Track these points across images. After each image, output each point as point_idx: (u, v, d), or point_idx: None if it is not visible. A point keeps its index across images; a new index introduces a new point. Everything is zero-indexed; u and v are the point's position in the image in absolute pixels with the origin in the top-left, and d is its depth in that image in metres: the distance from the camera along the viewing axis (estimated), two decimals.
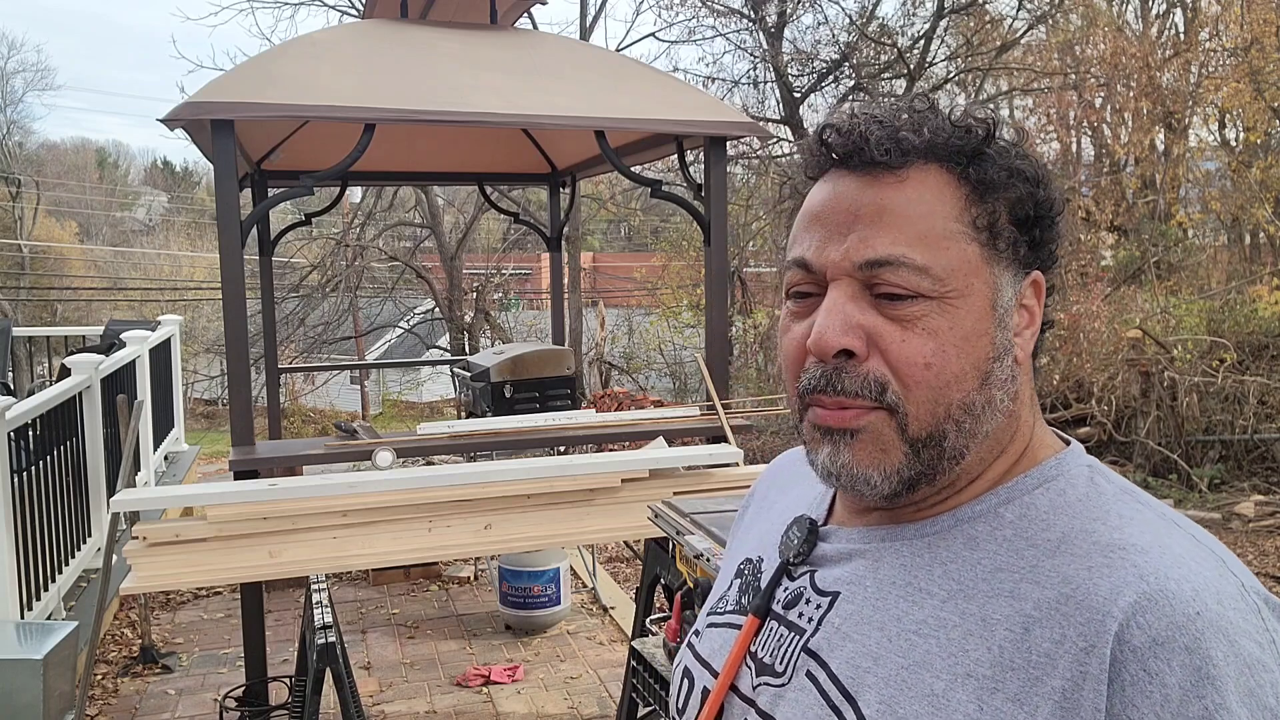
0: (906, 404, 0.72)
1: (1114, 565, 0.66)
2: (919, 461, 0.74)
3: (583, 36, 12.39)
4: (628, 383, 14.86)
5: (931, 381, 0.72)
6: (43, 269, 25.71)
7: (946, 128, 0.75)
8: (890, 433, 0.73)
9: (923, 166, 0.74)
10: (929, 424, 0.73)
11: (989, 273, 0.74)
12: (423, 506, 3.42)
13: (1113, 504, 0.73)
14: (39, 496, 4.40)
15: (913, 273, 0.72)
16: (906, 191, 0.74)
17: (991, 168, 0.75)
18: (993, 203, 0.75)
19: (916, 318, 0.72)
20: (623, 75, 4.82)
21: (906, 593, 0.74)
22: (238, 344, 3.80)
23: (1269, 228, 12.46)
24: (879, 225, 0.73)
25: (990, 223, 0.74)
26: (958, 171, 0.74)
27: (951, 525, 0.76)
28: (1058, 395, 9.97)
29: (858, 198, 0.74)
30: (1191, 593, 0.64)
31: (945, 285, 0.72)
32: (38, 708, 3.08)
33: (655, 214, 20.00)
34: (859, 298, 0.73)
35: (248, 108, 3.73)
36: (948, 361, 0.72)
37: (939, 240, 0.73)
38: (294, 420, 16.03)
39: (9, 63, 31.24)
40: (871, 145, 0.74)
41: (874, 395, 0.72)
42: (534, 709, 4.31)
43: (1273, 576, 6.78)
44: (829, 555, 0.81)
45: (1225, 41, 13.26)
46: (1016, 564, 0.71)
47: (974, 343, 0.73)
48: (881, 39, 12.12)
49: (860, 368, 0.73)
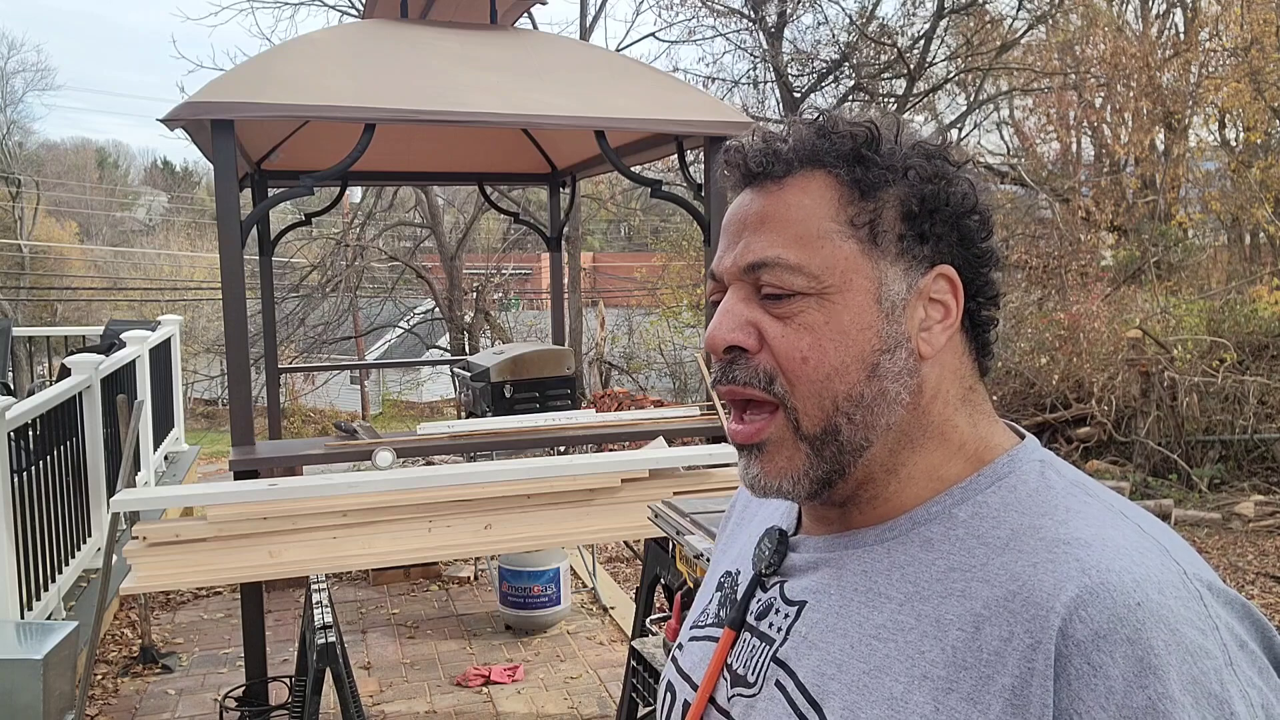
0: (794, 399, 0.76)
1: (1057, 560, 0.67)
2: (822, 460, 0.76)
3: (583, 36, 12.39)
4: (628, 383, 14.86)
5: (810, 375, 0.75)
6: (43, 269, 25.70)
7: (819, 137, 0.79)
8: (789, 436, 0.77)
9: (806, 174, 0.78)
10: (819, 418, 0.76)
11: (870, 268, 0.76)
12: (423, 506, 3.42)
13: (1061, 498, 0.74)
14: (39, 496, 4.40)
15: (787, 272, 0.76)
16: (785, 197, 0.78)
17: (873, 169, 0.77)
18: (874, 201, 0.77)
19: (794, 314, 0.76)
20: (623, 75, 4.82)
21: (867, 598, 0.75)
22: (238, 344, 3.80)
23: (1269, 228, 12.46)
24: (759, 231, 0.78)
25: (870, 220, 0.77)
26: (837, 175, 0.78)
27: (909, 528, 0.77)
28: (1058, 395, 9.97)
29: (747, 208, 0.80)
30: (1133, 583, 0.64)
31: (821, 282, 0.75)
32: (38, 708, 3.08)
33: (655, 214, 20.00)
34: (750, 299, 0.78)
35: (248, 108, 3.73)
36: (825, 355, 0.75)
37: (814, 240, 0.76)
38: (294, 420, 16.03)
39: (9, 63, 31.29)
40: (749, 157, 0.80)
41: (762, 385, 0.76)
42: (534, 709, 4.31)
43: (1273, 576, 6.78)
44: (798, 565, 0.83)
45: (1225, 41, 13.26)
46: (968, 563, 0.72)
47: (854, 336, 0.75)
48: (881, 39, 12.12)
49: (752, 360, 0.77)
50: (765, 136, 0.81)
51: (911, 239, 0.77)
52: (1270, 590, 6.55)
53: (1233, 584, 6.63)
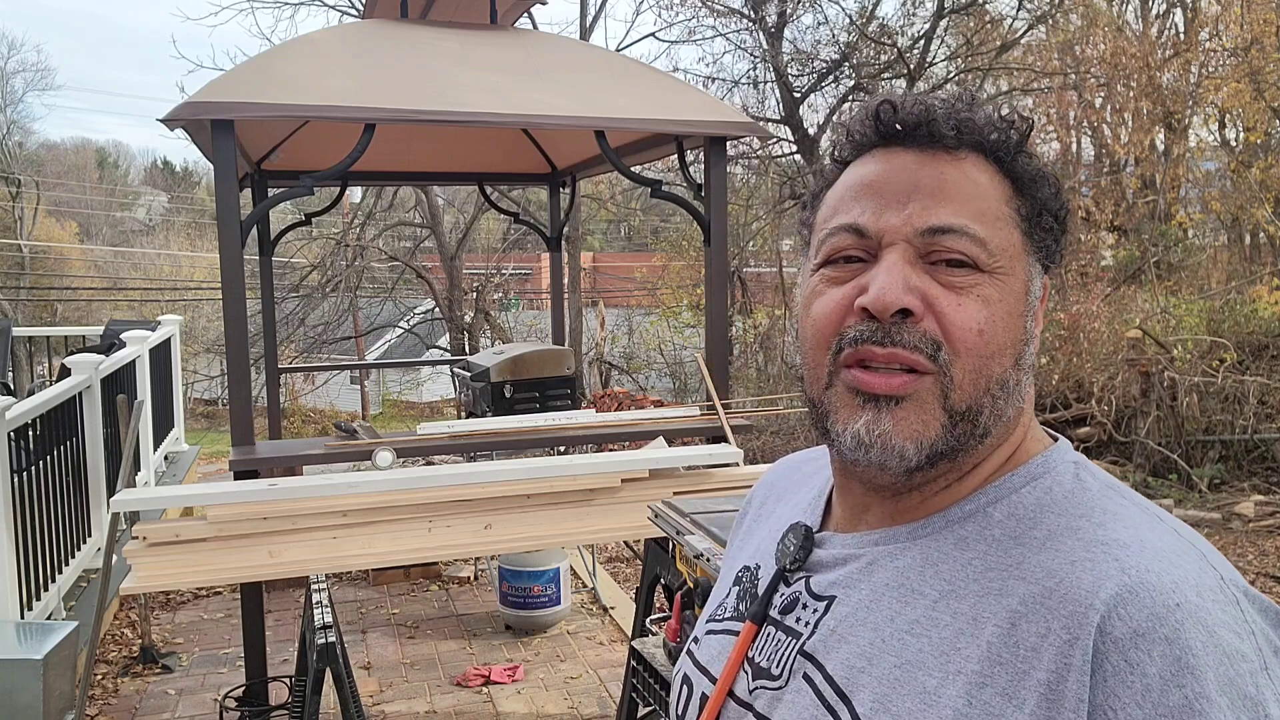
0: (954, 369, 0.74)
1: (1096, 560, 0.68)
2: (953, 436, 0.75)
3: (583, 36, 12.39)
4: (628, 383, 14.86)
5: (981, 349, 0.74)
6: (43, 269, 25.70)
7: (995, 121, 0.79)
8: (933, 402, 0.74)
9: (975, 155, 0.78)
10: (970, 394, 0.74)
11: (1027, 260, 0.78)
12: (423, 506, 3.42)
13: (1098, 500, 0.74)
14: (39, 496, 4.40)
15: (972, 243, 0.74)
16: (964, 170, 0.77)
17: (1029, 166, 0.78)
18: (1030, 198, 0.78)
19: (971, 286, 0.74)
20: (623, 75, 4.81)
21: (899, 594, 0.75)
22: (238, 344, 3.80)
23: (1269, 228, 12.45)
24: (941, 196, 0.76)
25: (1029, 214, 0.78)
26: (1002, 165, 0.78)
27: (942, 526, 0.77)
28: (1058, 395, 9.96)
29: (918, 170, 0.77)
30: (1171, 585, 0.65)
31: (996, 261, 0.75)
32: (38, 708, 3.08)
33: (655, 214, 20.00)
34: (915, 263, 0.75)
35: (248, 108, 3.72)
36: (996, 332, 0.74)
37: (993, 219, 0.76)
38: (294, 420, 16.03)
39: (9, 63, 31.29)
40: (940, 121, 0.77)
41: (929, 352, 0.73)
42: (534, 709, 4.31)
43: (1272, 576, 6.78)
44: (824, 561, 0.83)
45: (1225, 41, 13.26)
46: (1004, 562, 0.72)
47: (1014, 321, 0.76)
48: (881, 39, 12.12)
49: (918, 325, 0.74)
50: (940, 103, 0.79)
51: (1050, 244, 0.79)
52: (1270, 590, 6.55)
53: None
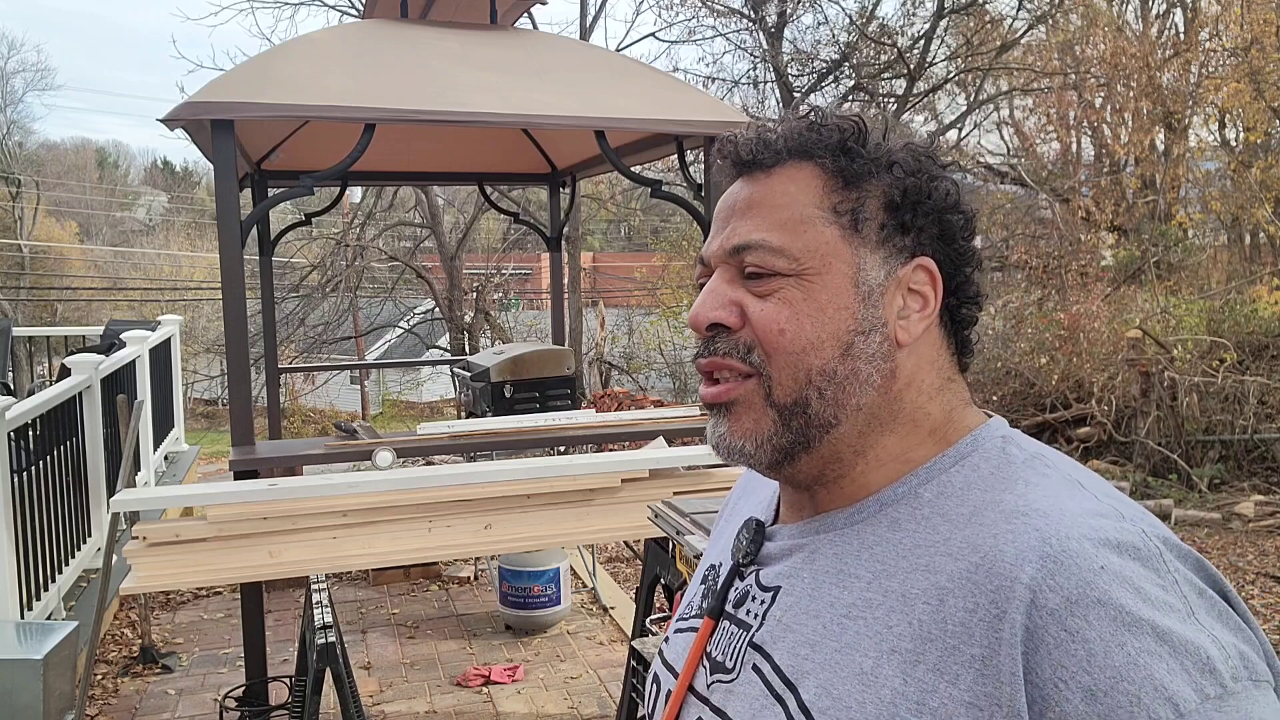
0: (769, 368, 0.79)
1: (1017, 531, 0.70)
2: (788, 430, 0.79)
3: (583, 36, 12.39)
4: (628, 383, 14.86)
5: (787, 346, 0.78)
6: (43, 269, 25.70)
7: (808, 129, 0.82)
8: (759, 400, 0.80)
9: (795, 164, 0.82)
10: (791, 389, 0.79)
11: (850, 254, 0.80)
12: (423, 506, 3.42)
13: (1021, 471, 0.76)
14: (39, 496, 4.40)
15: (769, 253, 0.79)
16: (772, 185, 0.82)
17: (858, 160, 0.81)
18: (858, 190, 0.81)
19: (774, 291, 0.79)
20: (623, 75, 4.82)
21: (838, 579, 0.78)
22: (238, 344, 3.80)
23: (1269, 228, 12.45)
24: (746, 216, 0.82)
25: (853, 208, 0.80)
26: (823, 165, 0.81)
27: (876, 510, 0.79)
28: (1058, 395, 9.97)
29: (736, 195, 0.84)
30: (1093, 549, 0.67)
31: (801, 264, 0.79)
32: (38, 708, 3.08)
33: (655, 214, 20.00)
34: (734, 280, 0.82)
35: (248, 108, 3.72)
36: (801, 328, 0.78)
37: (796, 224, 0.80)
38: (294, 420, 16.03)
39: (9, 63, 31.30)
40: (741, 148, 0.84)
41: (740, 355, 0.80)
42: (534, 709, 4.31)
43: (1273, 576, 6.78)
44: (773, 553, 0.86)
45: (1225, 41, 13.26)
46: (932, 539, 0.74)
47: (831, 314, 0.79)
48: (881, 39, 12.12)
49: (732, 336, 0.81)
50: (758, 129, 0.85)
51: (893, 228, 0.81)
52: (1270, 590, 6.55)
53: (1233, 584, 6.62)
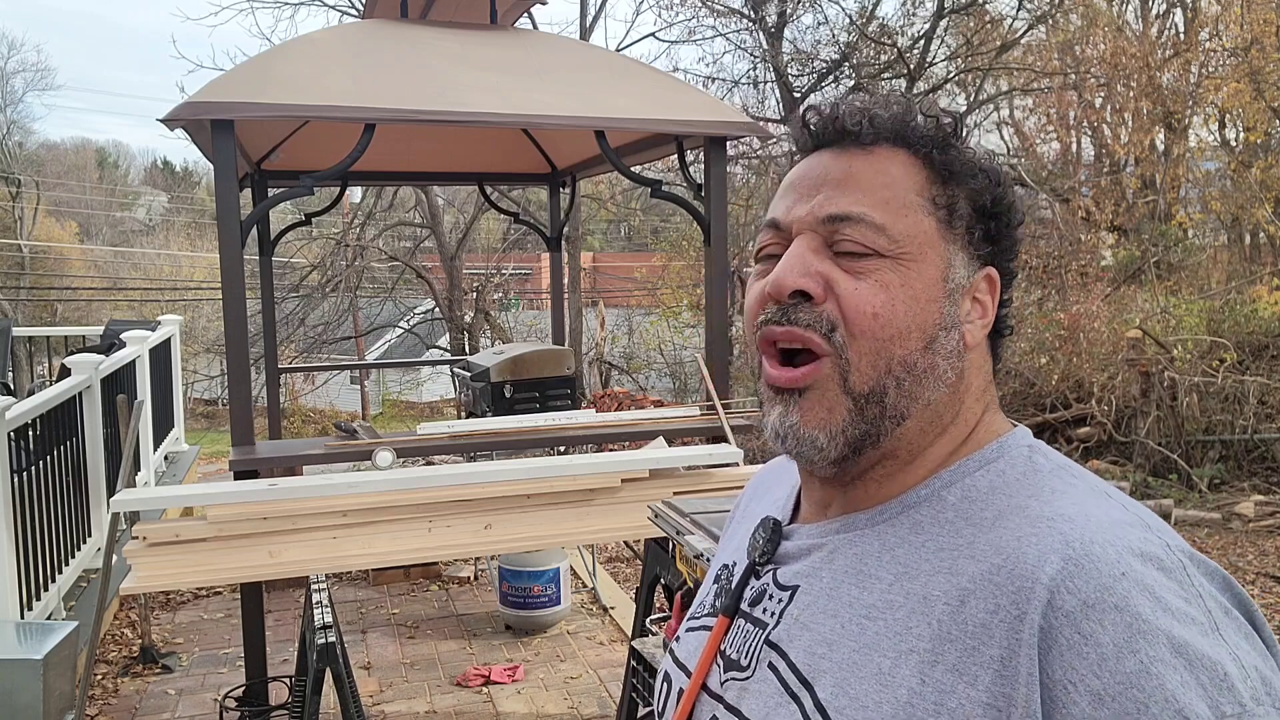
0: (850, 351, 0.76)
1: (1041, 534, 0.69)
2: (862, 420, 0.77)
3: (583, 36, 12.39)
4: (628, 383, 14.86)
5: (877, 332, 0.76)
6: (43, 269, 25.69)
7: (916, 116, 0.81)
8: (835, 389, 0.77)
9: (891, 147, 0.80)
10: (870, 376, 0.76)
11: (943, 247, 0.79)
12: (423, 506, 3.42)
13: (1047, 480, 0.75)
14: (39, 496, 4.40)
15: (870, 230, 0.77)
16: (873, 162, 0.80)
17: (955, 158, 0.80)
18: (953, 188, 0.80)
19: (870, 270, 0.77)
20: (623, 75, 4.81)
21: (858, 579, 0.77)
22: (238, 344, 3.80)
23: (1269, 228, 12.45)
24: (844, 187, 0.79)
25: (949, 203, 0.80)
26: (922, 156, 0.80)
27: (899, 512, 0.78)
28: (1058, 395, 9.96)
29: (829, 165, 0.81)
30: (1115, 555, 0.66)
31: (900, 247, 0.77)
32: (38, 708, 3.08)
33: (655, 214, 19.99)
34: (820, 250, 0.78)
35: (248, 108, 3.72)
36: (894, 315, 0.76)
37: (899, 208, 0.78)
38: (294, 420, 16.03)
39: (9, 63, 31.28)
40: (844, 117, 0.81)
41: (823, 331, 0.76)
42: (534, 709, 4.31)
43: (1273, 576, 6.78)
44: (790, 552, 0.84)
45: (1225, 41, 13.26)
46: (955, 542, 0.73)
47: (922, 305, 0.77)
48: (881, 39, 12.12)
49: (815, 307, 0.77)
50: (854, 103, 0.82)
51: (979, 234, 0.81)
52: (1270, 590, 6.55)
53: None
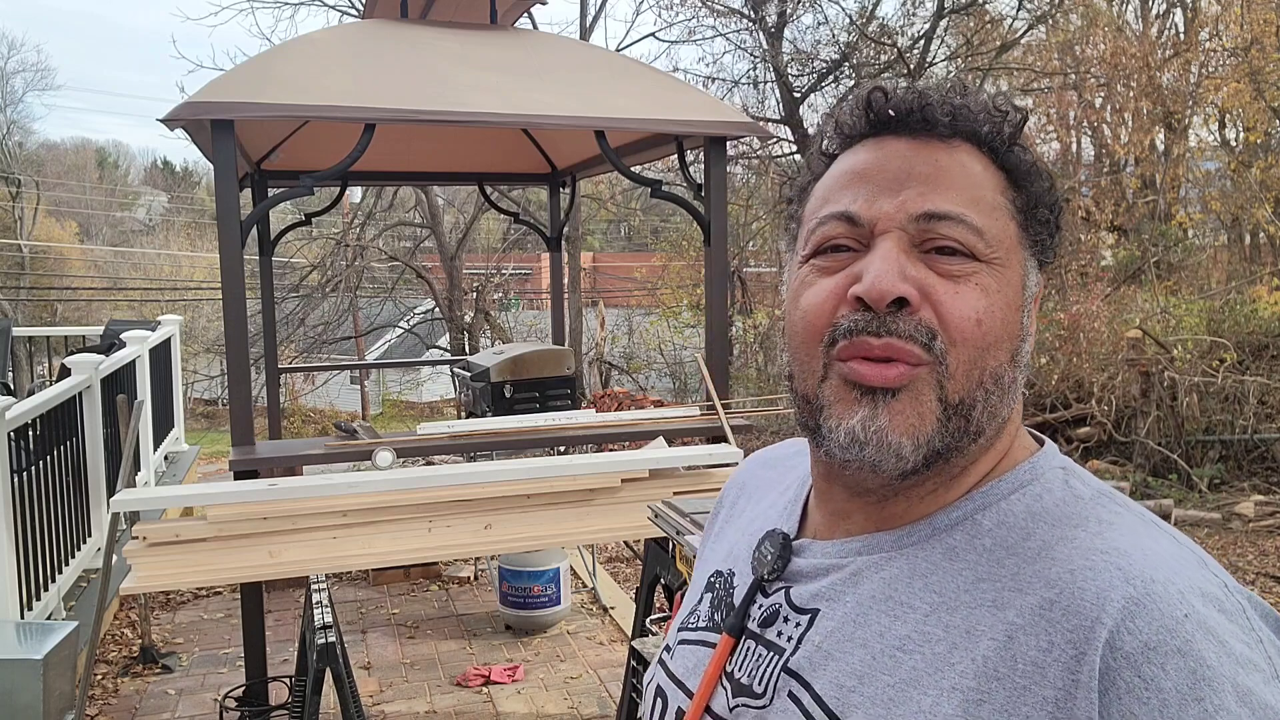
0: (949, 359, 0.71)
1: (1097, 569, 0.65)
2: (946, 431, 0.71)
3: (583, 36, 12.39)
4: (628, 383, 14.86)
5: (979, 340, 0.71)
6: (43, 269, 25.69)
7: (990, 111, 0.76)
8: (929, 394, 0.71)
9: (968, 144, 0.75)
10: (964, 386, 0.71)
11: (1023, 253, 0.75)
12: (423, 506, 3.42)
13: (1091, 509, 0.72)
14: (39, 496, 4.40)
15: (969, 230, 0.72)
16: (957, 157, 0.74)
17: (1024, 158, 0.76)
18: (1026, 191, 0.76)
19: (969, 274, 0.72)
20: (623, 75, 4.81)
21: (888, 607, 0.72)
22: (238, 344, 3.80)
23: (1269, 228, 12.46)
24: (936, 183, 0.73)
25: (1026, 206, 0.75)
26: (996, 156, 0.76)
27: (929, 535, 0.74)
28: (1058, 395, 9.96)
29: (911, 157, 0.74)
30: (1178, 594, 0.63)
31: (994, 251, 0.72)
32: (37, 708, 3.08)
33: (655, 214, 20.00)
34: (910, 252, 0.72)
35: (247, 108, 3.72)
36: (995, 322, 0.71)
37: (990, 208, 0.73)
38: (294, 420, 16.03)
39: (9, 63, 31.28)
40: (935, 107, 0.75)
41: (924, 341, 0.70)
42: (534, 709, 4.31)
43: (1272, 576, 6.78)
44: (804, 571, 0.79)
45: (1225, 41, 13.26)
46: (998, 573, 0.69)
47: (1012, 314, 0.73)
48: (881, 39, 12.12)
49: (914, 314, 0.71)
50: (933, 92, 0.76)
51: (1046, 240, 0.76)
52: (1270, 590, 6.55)
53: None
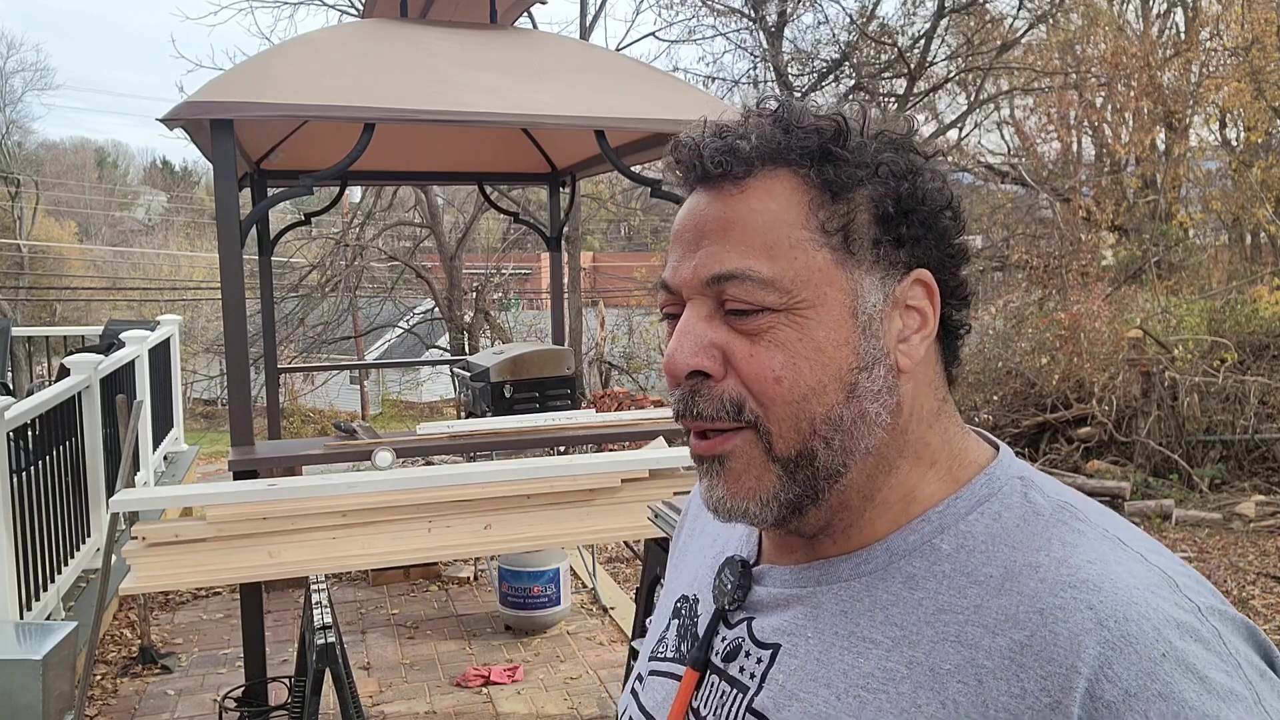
0: (767, 421, 0.70)
1: (1067, 609, 0.63)
2: (795, 483, 0.70)
3: (583, 36, 12.39)
4: (628, 383, 14.85)
5: (785, 396, 0.69)
6: (42, 269, 25.69)
7: (782, 132, 0.72)
8: (758, 454, 0.70)
9: (770, 173, 0.71)
10: (794, 441, 0.70)
11: (845, 279, 0.70)
12: (423, 506, 3.42)
13: (1053, 528, 0.69)
14: (38, 496, 4.39)
15: (757, 286, 0.69)
16: (749, 201, 0.71)
17: (843, 167, 0.71)
18: (846, 203, 0.71)
19: (763, 330, 0.69)
20: (622, 75, 4.81)
21: (850, 643, 0.70)
22: (237, 344, 3.80)
23: (1269, 227, 12.46)
24: (723, 239, 0.71)
25: (843, 225, 0.71)
26: (804, 175, 0.71)
27: (886, 562, 0.72)
28: (1058, 395, 9.96)
29: (704, 213, 0.72)
30: (1154, 632, 0.61)
31: (793, 296, 0.69)
32: (37, 708, 3.08)
33: (655, 214, 19.99)
34: (713, 315, 0.71)
35: (247, 107, 3.72)
36: (800, 374, 0.69)
37: (785, 249, 0.70)
38: (294, 420, 16.03)
39: (8, 63, 31.22)
40: (705, 158, 0.72)
41: (731, 415, 0.70)
42: (534, 709, 4.31)
43: (1273, 576, 6.78)
44: (764, 601, 0.77)
45: (1226, 41, 13.27)
46: (960, 604, 0.67)
47: (830, 353, 0.69)
48: (882, 39, 12.12)
49: (715, 388, 0.71)
50: (720, 131, 0.73)
51: (888, 244, 0.71)
52: (1271, 590, 6.55)
53: (1233, 584, 6.63)
